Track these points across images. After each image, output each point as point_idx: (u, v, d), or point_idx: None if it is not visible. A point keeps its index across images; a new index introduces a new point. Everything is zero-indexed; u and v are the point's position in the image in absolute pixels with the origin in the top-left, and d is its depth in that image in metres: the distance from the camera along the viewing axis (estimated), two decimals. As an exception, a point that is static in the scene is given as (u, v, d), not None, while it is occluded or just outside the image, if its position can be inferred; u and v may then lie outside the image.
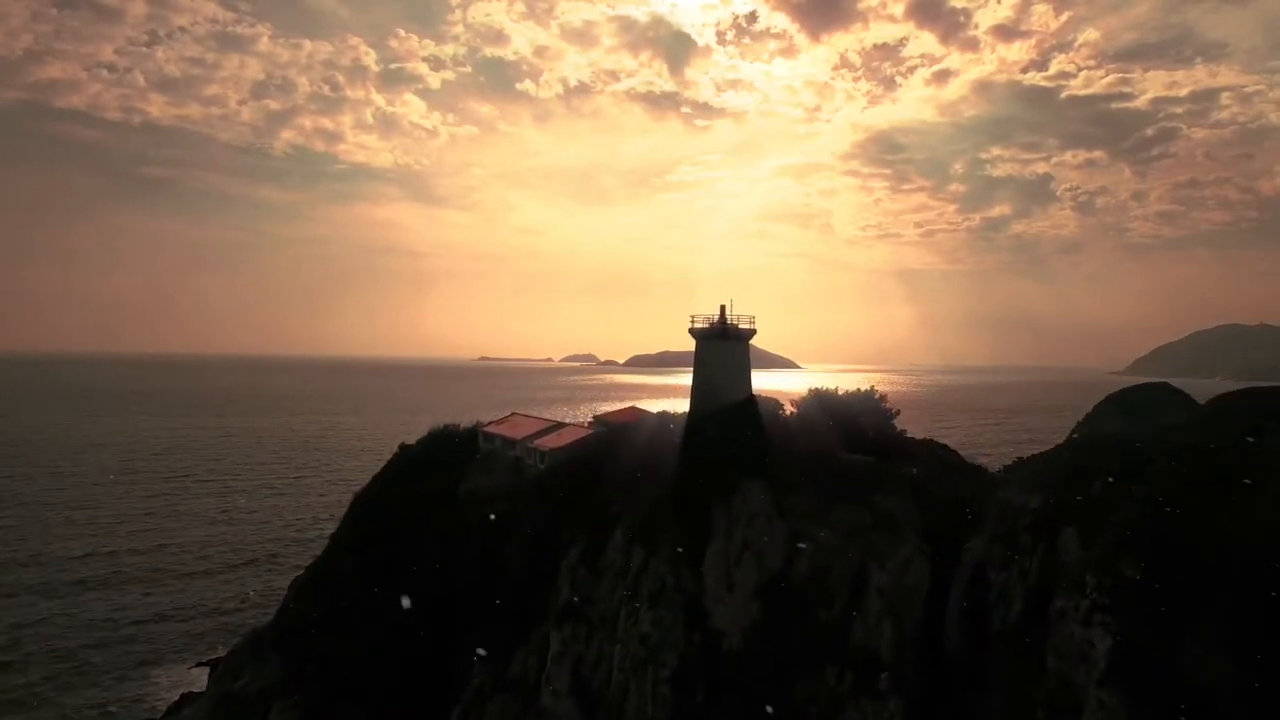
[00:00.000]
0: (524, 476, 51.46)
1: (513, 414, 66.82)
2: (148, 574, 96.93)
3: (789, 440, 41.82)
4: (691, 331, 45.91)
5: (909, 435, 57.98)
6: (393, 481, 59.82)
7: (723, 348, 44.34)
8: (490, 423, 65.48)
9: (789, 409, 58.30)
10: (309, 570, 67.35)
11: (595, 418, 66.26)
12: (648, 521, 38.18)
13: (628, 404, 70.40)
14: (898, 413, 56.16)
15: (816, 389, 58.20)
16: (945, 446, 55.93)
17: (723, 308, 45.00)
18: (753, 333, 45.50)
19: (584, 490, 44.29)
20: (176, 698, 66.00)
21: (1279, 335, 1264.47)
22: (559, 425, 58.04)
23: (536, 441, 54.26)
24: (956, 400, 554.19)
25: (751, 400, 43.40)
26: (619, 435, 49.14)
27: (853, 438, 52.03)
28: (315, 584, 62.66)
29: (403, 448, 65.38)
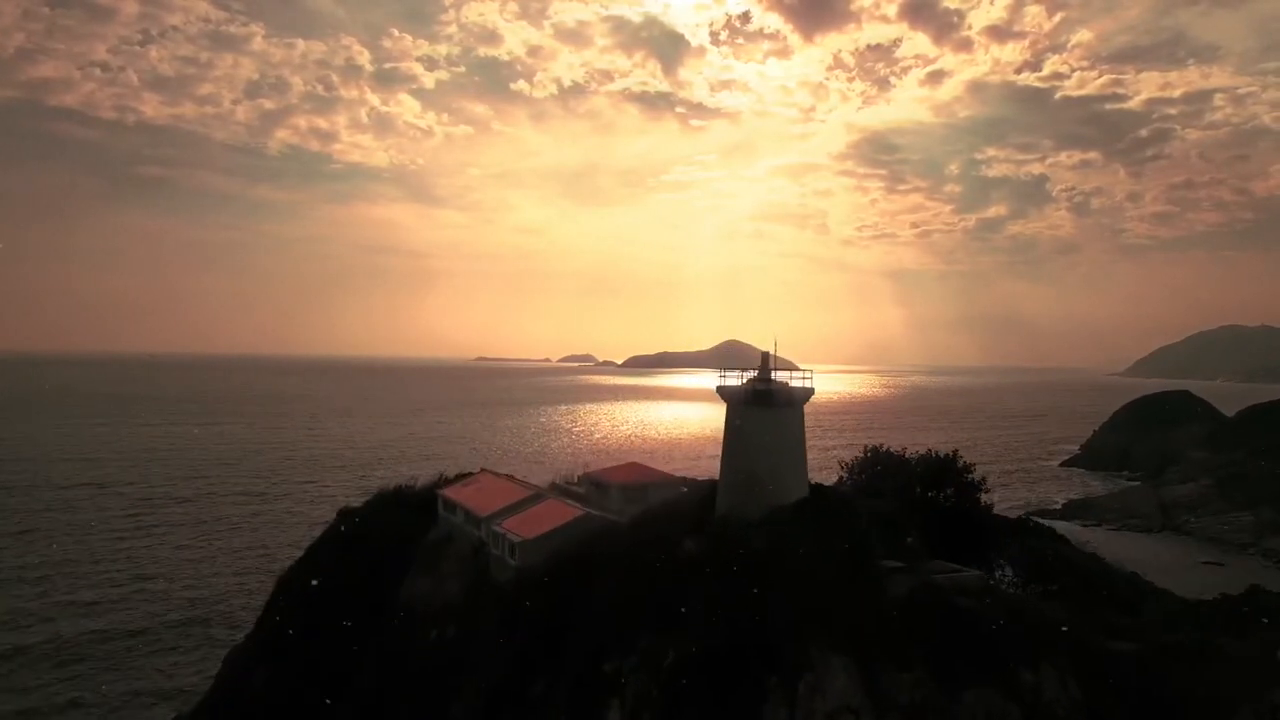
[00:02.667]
0: (487, 579, 37.55)
1: (482, 471, 52.79)
2: (75, 643, 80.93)
3: (868, 556, 27.89)
4: (720, 391, 31.90)
5: (990, 506, 44.31)
6: (323, 566, 45.92)
7: (767, 419, 30.10)
8: (452, 483, 51.66)
9: (839, 472, 44.75)
10: (239, 651, 54.08)
11: (584, 476, 52.59)
12: (662, 705, 24.30)
13: (626, 461, 56.50)
14: (984, 484, 42.37)
15: (873, 448, 44.54)
16: (1051, 531, 42.35)
17: (766, 356, 31.17)
18: (810, 393, 31.58)
19: (566, 617, 30.48)
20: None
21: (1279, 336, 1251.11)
22: (537, 496, 44.09)
23: (506, 523, 40.43)
24: (960, 405, 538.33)
25: (817, 497, 29.40)
26: (617, 526, 35.30)
27: (924, 517, 38.55)
28: (229, 688, 49.24)
29: (341, 515, 51.52)
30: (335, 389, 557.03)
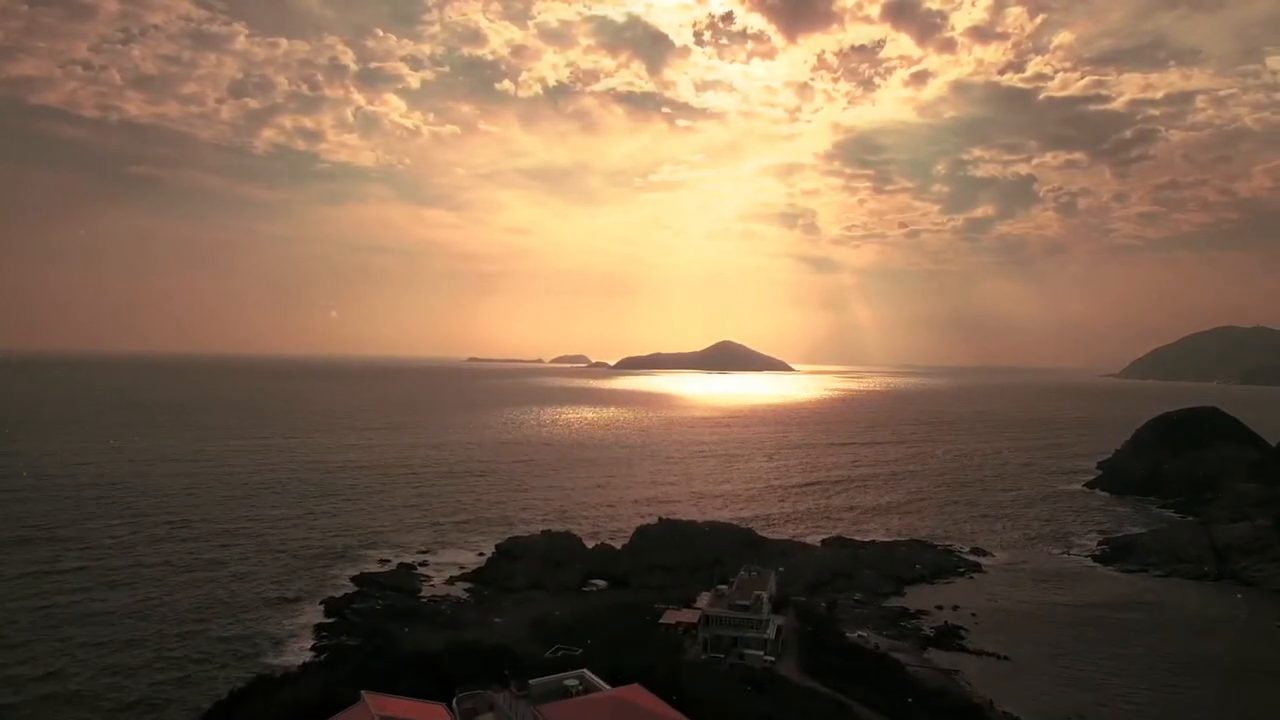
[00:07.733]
0: None
1: (365, 700, 32.53)
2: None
3: None
4: None
5: None
6: None
7: None
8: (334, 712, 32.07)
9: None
10: None
11: (527, 688, 33.21)
12: None
13: (573, 671, 36.89)
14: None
15: None
16: None
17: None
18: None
19: None
20: None
21: (1276, 337, 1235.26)
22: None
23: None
24: (964, 411, 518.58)
25: None
26: None
27: None
28: None
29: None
30: (328, 395, 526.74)
